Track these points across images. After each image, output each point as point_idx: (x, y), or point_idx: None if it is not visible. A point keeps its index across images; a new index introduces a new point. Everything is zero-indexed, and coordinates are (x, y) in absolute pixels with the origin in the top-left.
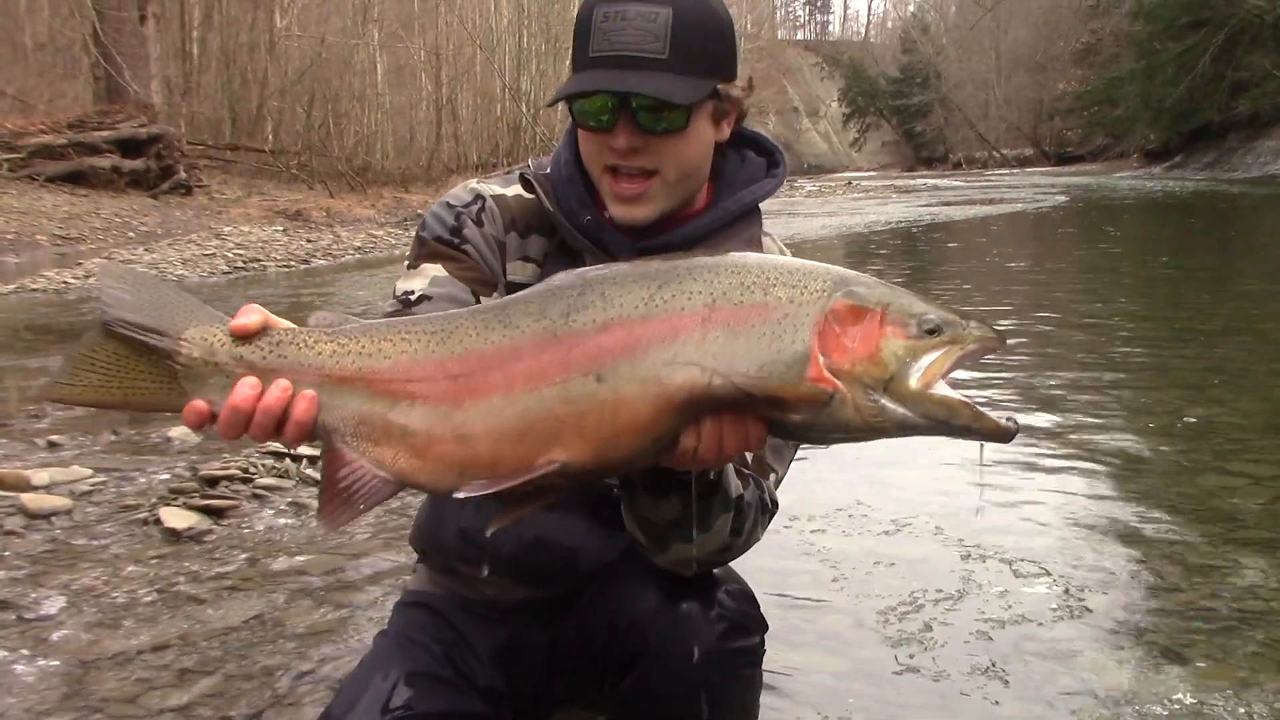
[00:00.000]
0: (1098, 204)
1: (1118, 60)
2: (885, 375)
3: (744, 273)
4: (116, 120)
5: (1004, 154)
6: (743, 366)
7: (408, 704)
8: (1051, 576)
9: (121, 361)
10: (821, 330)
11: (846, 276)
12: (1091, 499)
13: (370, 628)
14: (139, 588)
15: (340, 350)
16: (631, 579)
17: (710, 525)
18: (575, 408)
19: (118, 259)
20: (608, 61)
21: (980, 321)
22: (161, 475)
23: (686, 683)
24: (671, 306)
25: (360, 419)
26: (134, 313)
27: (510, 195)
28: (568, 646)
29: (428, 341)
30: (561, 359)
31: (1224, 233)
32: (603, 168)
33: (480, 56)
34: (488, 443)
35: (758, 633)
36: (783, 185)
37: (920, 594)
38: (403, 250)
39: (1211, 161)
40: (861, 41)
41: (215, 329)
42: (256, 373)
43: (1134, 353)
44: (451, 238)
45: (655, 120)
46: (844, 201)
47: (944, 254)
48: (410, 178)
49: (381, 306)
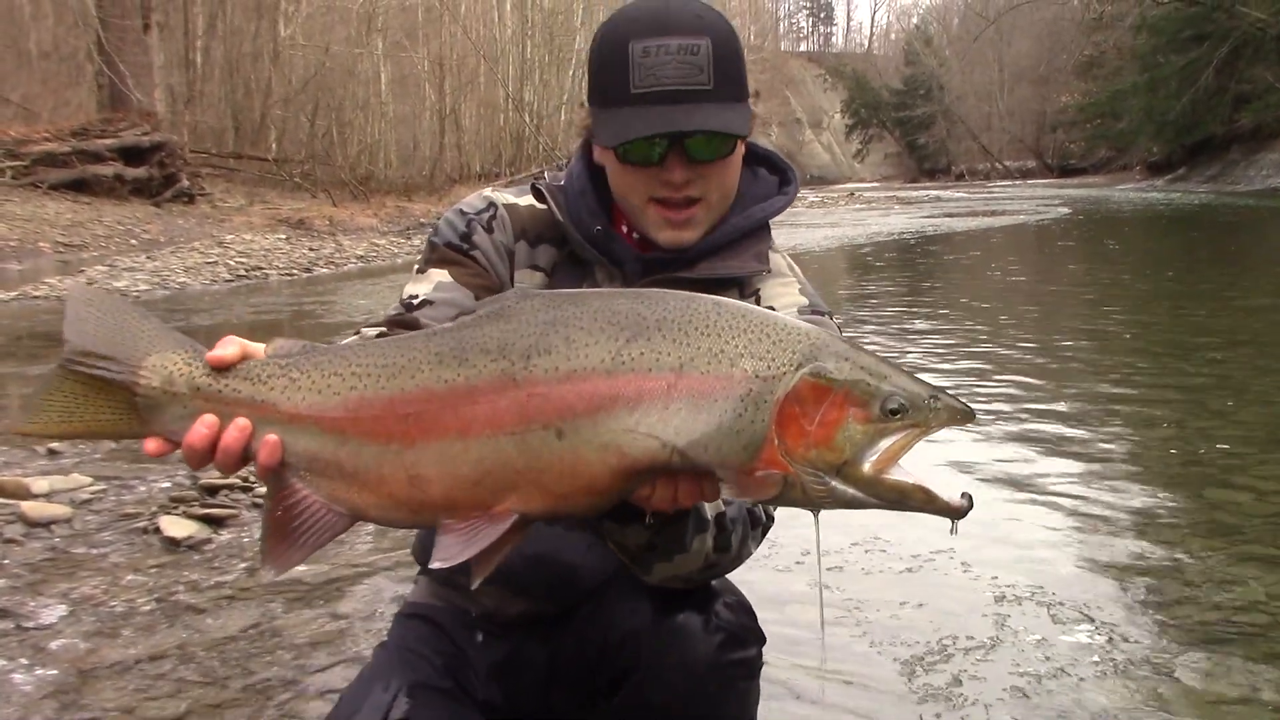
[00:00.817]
0: (1100, 216)
1: (1121, 73)
2: (839, 461)
3: (713, 335)
4: (120, 128)
5: (1006, 166)
6: (702, 444)
7: (407, 715)
8: (1046, 590)
9: (81, 397)
10: (781, 411)
11: (817, 347)
12: (1091, 513)
13: (368, 638)
14: (138, 597)
15: (291, 385)
16: (627, 592)
17: (687, 547)
18: (533, 461)
19: (120, 268)
20: (655, 98)
21: (948, 398)
22: (162, 484)
23: (682, 695)
24: (638, 365)
25: (312, 455)
26: (94, 343)
27: (523, 205)
28: (566, 662)
29: (378, 377)
30: (520, 407)
31: (1226, 246)
32: (648, 199)
33: (484, 66)
34: (440, 486)
35: (755, 645)
36: (793, 202)
37: (944, 637)
38: (405, 259)
39: (1214, 174)
40: (865, 53)
41: (176, 357)
42: (213, 405)
43: (1136, 366)
44: (461, 243)
45: (707, 151)
46: (846, 212)
47: (944, 266)
48: (413, 187)
49: (385, 311)
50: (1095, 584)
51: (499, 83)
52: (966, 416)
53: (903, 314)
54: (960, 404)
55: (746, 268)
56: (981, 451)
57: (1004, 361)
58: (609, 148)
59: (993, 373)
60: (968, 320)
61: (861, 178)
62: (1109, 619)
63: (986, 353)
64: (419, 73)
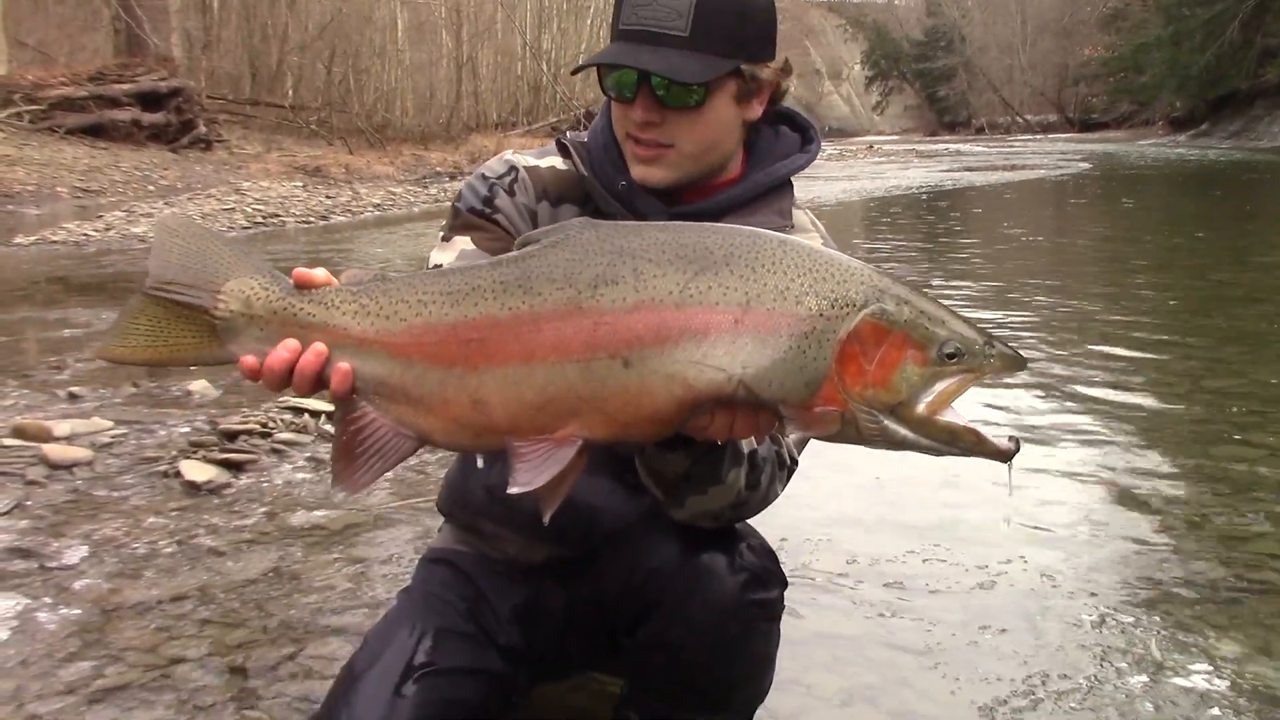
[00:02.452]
0: (1121, 173)
1: (1144, 26)
2: (894, 401)
3: (779, 272)
4: (137, 73)
5: (1027, 120)
6: (765, 379)
7: (431, 659)
8: (1065, 544)
9: (163, 323)
10: (842, 349)
11: (879, 288)
12: (1108, 467)
13: (386, 583)
14: (159, 539)
15: (361, 311)
16: (651, 532)
17: (723, 479)
18: (599, 388)
19: (138, 213)
20: (632, 36)
21: (1002, 345)
22: (181, 429)
23: (705, 633)
24: (706, 299)
25: (380, 379)
26: (176, 271)
27: (544, 166)
28: (585, 604)
29: (442, 304)
30: (586, 335)
31: (1248, 202)
32: (624, 134)
33: (501, 14)
34: (504, 410)
35: (777, 587)
36: (815, 160)
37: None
38: (422, 208)
39: (1237, 130)
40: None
41: (254, 282)
42: (289, 329)
43: (1153, 323)
44: (484, 208)
45: (672, 97)
46: (865, 165)
47: (962, 221)
48: (430, 135)
49: None
50: (1105, 537)
51: (516, 30)
52: (1019, 364)
53: (920, 268)
54: (1013, 352)
55: (770, 223)
56: (998, 407)
57: (1021, 317)
58: (573, 73)
59: (1009, 328)
60: (985, 276)
61: (880, 130)
62: (1118, 572)
63: (1003, 309)
64: (436, 20)
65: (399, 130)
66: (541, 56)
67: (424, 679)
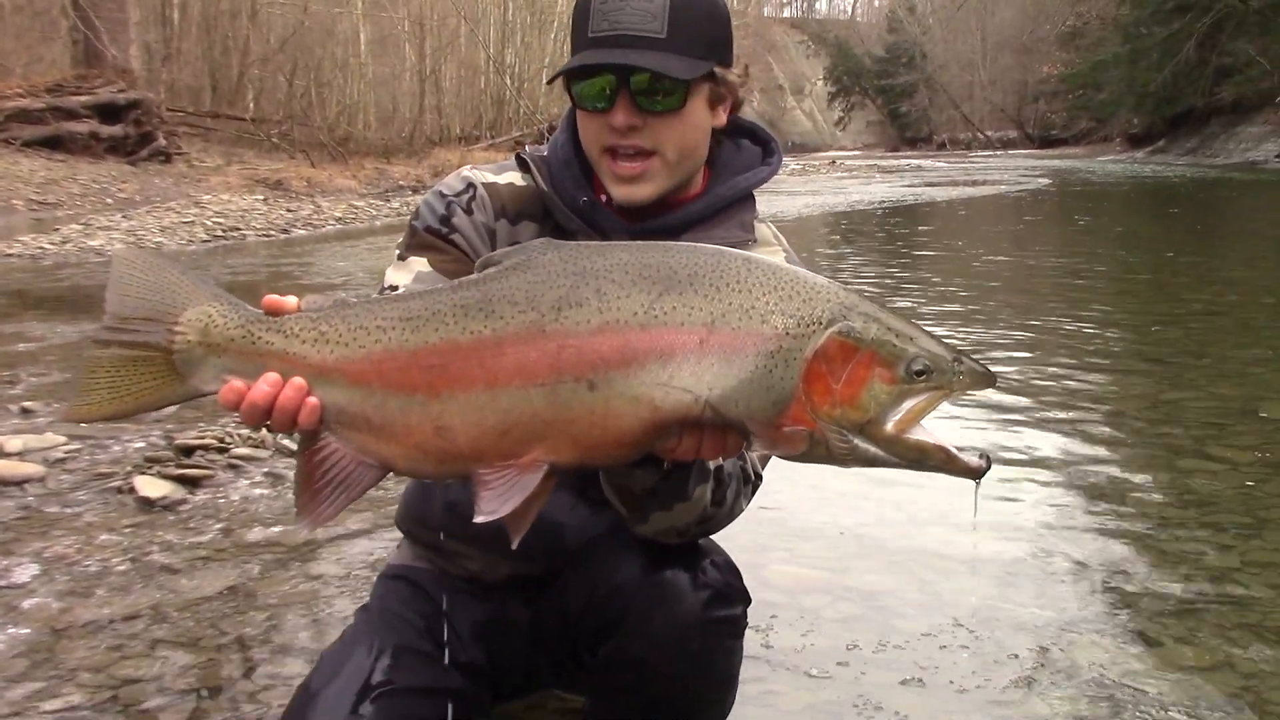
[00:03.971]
0: (1079, 188)
1: (1103, 44)
2: (863, 419)
3: (744, 291)
4: (95, 85)
5: (988, 136)
6: (733, 399)
7: (389, 678)
8: (1022, 558)
9: (123, 371)
10: (809, 368)
11: (845, 306)
12: (1068, 482)
13: (343, 600)
14: (112, 556)
15: (320, 339)
16: (614, 548)
17: (689, 495)
18: (564, 412)
19: (95, 226)
20: (607, 41)
21: (971, 361)
22: (136, 444)
23: (668, 649)
24: (671, 320)
25: (340, 408)
26: (134, 304)
27: (502, 183)
28: (549, 620)
29: (402, 330)
30: (551, 358)
31: (1205, 219)
32: (602, 149)
33: (465, 28)
34: (467, 436)
35: (741, 604)
36: (777, 174)
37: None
38: (384, 221)
39: (1194, 147)
40: (848, 20)
41: (211, 309)
42: (247, 357)
43: (1112, 337)
44: (441, 227)
45: (653, 100)
46: (827, 180)
47: (924, 236)
48: (392, 149)
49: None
50: (1063, 550)
51: (480, 44)
52: (989, 380)
53: (881, 283)
54: (983, 368)
55: (732, 236)
56: (953, 423)
57: (980, 333)
58: (548, 82)
59: (969, 344)
60: (945, 291)
61: (843, 145)
62: (1076, 584)
63: (962, 324)
64: (399, 33)
65: (361, 143)
66: (505, 70)
67: (382, 698)
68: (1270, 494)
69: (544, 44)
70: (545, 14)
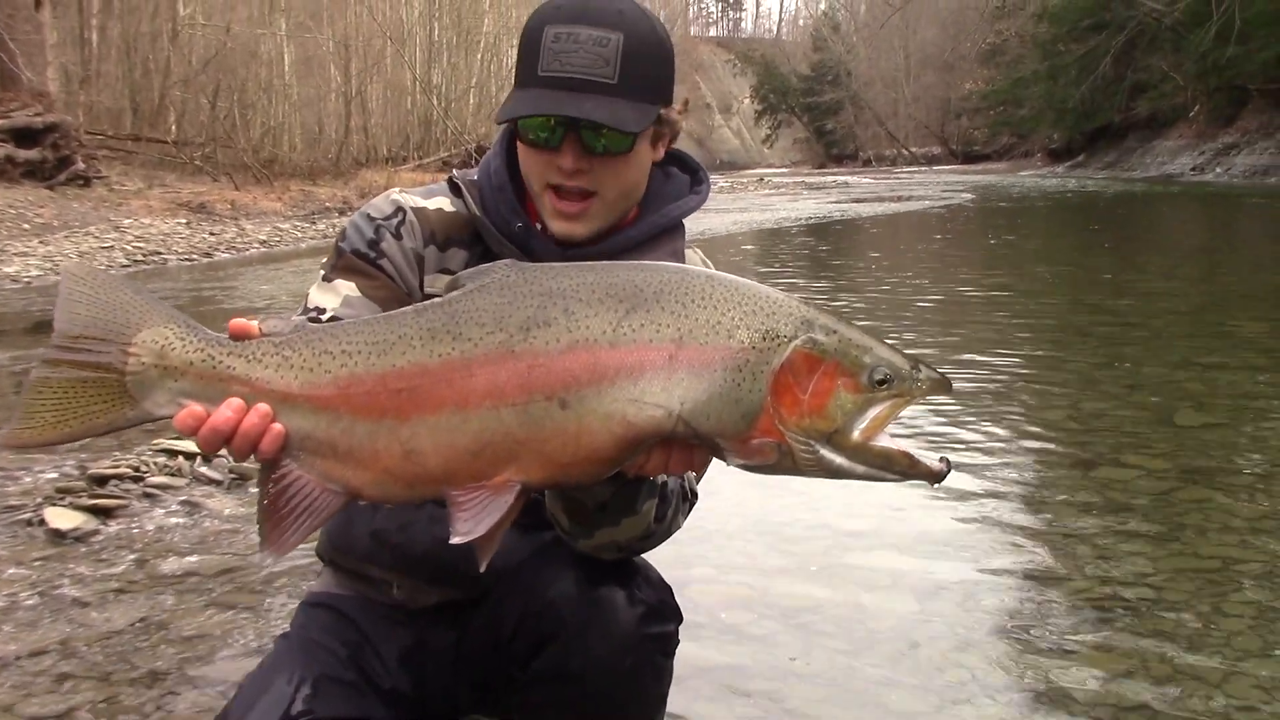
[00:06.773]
0: (1002, 202)
1: (1023, 61)
2: (830, 429)
3: (710, 307)
4: (10, 109)
5: (912, 152)
6: (704, 413)
7: (310, 708)
8: (945, 569)
9: (70, 393)
10: (776, 380)
11: (808, 319)
12: (986, 491)
13: (261, 630)
14: (19, 590)
15: (284, 364)
16: (547, 564)
17: (638, 510)
18: (536, 431)
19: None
20: (557, 83)
21: (929, 369)
22: (48, 474)
23: (602, 664)
24: (640, 337)
25: (305, 434)
26: (84, 323)
27: (431, 208)
28: (475, 643)
29: (369, 354)
30: (522, 378)
31: (1122, 231)
32: (544, 184)
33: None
34: (439, 459)
35: (674, 621)
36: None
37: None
38: (310, 244)
39: (1112, 161)
40: (773, 39)
41: (168, 331)
42: (207, 381)
43: (1031, 349)
44: (369, 251)
45: (600, 144)
46: (755, 198)
47: (851, 252)
48: (318, 170)
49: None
50: (986, 560)
51: (406, 65)
52: (946, 387)
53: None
54: (940, 375)
55: None
56: None
57: (903, 345)
58: (499, 123)
59: None
60: (871, 307)
61: (770, 163)
62: (998, 594)
63: (886, 337)
64: (324, 54)
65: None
66: (432, 91)
67: None
68: (1185, 500)
69: (470, 65)
70: (471, 34)
